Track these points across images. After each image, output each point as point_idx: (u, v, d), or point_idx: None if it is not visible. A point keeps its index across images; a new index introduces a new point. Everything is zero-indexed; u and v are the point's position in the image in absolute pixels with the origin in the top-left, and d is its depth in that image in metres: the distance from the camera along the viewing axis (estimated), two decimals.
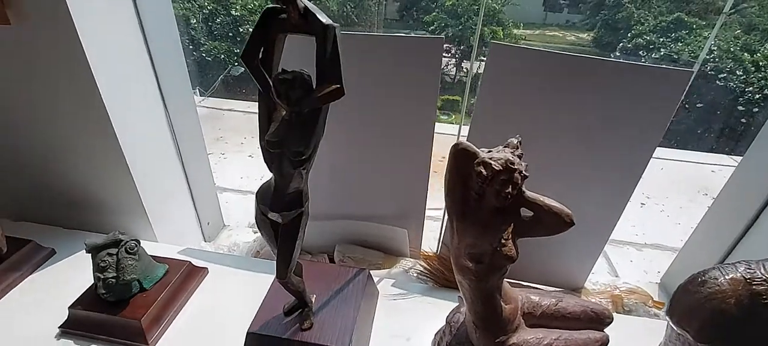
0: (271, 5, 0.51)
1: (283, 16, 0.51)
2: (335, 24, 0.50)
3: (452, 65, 9.76)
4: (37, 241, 1.11)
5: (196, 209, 1.48)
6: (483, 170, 0.59)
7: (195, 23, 6.80)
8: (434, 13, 9.49)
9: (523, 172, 0.61)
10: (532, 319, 0.75)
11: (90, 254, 0.90)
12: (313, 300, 0.89)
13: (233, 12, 6.94)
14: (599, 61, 0.87)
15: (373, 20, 8.81)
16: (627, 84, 0.89)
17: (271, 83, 0.54)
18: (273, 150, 0.57)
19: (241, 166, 2.61)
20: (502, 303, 0.70)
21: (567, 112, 0.95)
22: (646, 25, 8.63)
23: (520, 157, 0.63)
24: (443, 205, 1.35)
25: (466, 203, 0.63)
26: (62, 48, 0.91)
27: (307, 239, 1.36)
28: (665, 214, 2.05)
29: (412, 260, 1.32)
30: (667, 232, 1.87)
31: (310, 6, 0.50)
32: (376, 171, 1.19)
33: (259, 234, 1.59)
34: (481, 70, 1.07)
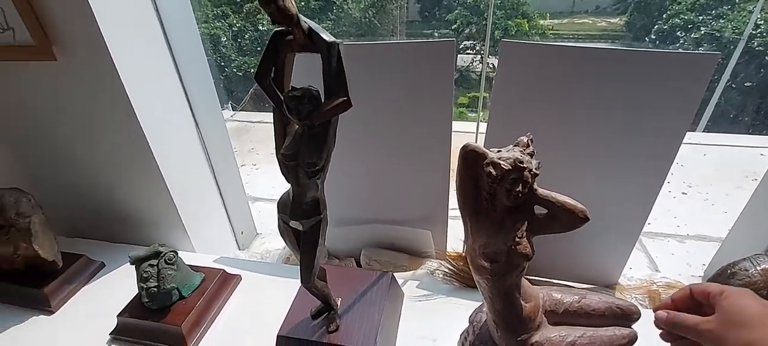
0: (278, 28, 0.54)
1: (289, 37, 0.54)
2: (338, 40, 0.53)
3: (478, 62, 9.63)
4: (89, 255, 1.20)
5: (229, 220, 1.56)
6: (492, 170, 0.60)
7: (225, 41, 7.11)
8: (456, 11, 9.41)
9: (534, 170, 0.61)
10: (554, 317, 0.75)
11: (134, 266, 0.97)
12: (339, 303, 0.92)
13: (260, 27, 7.20)
14: (616, 51, 0.85)
15: (395, 23, 8.85)
16: (648, 73, 0.86)
17: (282, 101, 0.58)
18: (288, 162, 0.61)
19: (272, 176, 2.71)
20: (522, 301, 0.70)
21: (586, 106, 0.93)
22: (683, 3, 8.15)
23: (531, 155, 0.63)
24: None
25: (477, 203, 0.64)
26: (102, 79, 0.99)
27: (334, 244, 1.41)
28: (709, 202, 1.94)
29: (437, 261, 1.33)
30: (712, 221, 1.77)
31: (314, 26, 0.53)
32: (399, 175, 1.21)
33: None
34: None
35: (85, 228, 1.37)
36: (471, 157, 0.62)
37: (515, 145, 0.64)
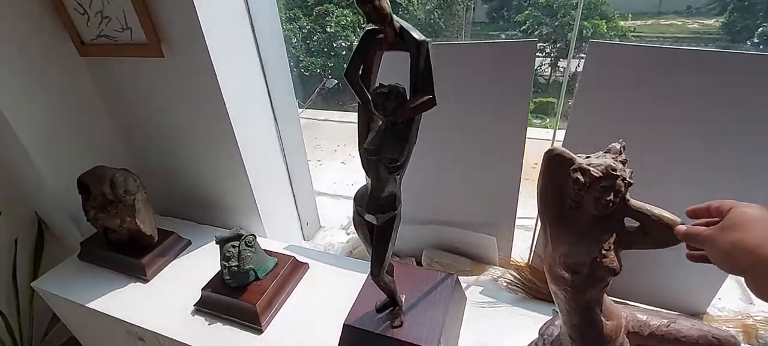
0: (370, 27, 0.57)
1: (380, 36, 0.56)
2: (428, 39, 0.54)
3: (547, 65, 9.17)
4: (178, 233, 1.33)
5: (297, 211, 1.64)
6: (580, 177, 0.57)
7: (295, 42, 7.49)
8: (527, 12, 9.04)
9: (627, 179, 0.57)
10: (638, 339, 0.69)
11: (218, 245, 1.06)
12: (403, 300, 0.93)
13: (328, 29, 7.49)
14: (723, 54, 0.77)
15: (461, 25, 8.71)
16: (759, 78, 0.77)
17: (369, 97, 0.60)
18: (370, 157, 0.63)
19: (334, 172, 2.81)
20: (603, 318, 0.66)
21: (684, 113, 0.85)
22: None
23: (624, 163, 0.59)
24: (536, 212, 1.30)
25: (560, 210, 0.62)
26: (200, 76, 1.09)
27: (396, 242, 1.43)
28: None
29: (500, 268, 1.29)
30: None
31: (405, 25, 0.54)
32: (466, 178, 1.19)
33: (352, 235, 1.70)
34: (579, 69, 1.01)
35: (175, 208, 1.52)
36: (557, 161, 0.59)
37: (606, 152, 0.61)
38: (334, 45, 7.61)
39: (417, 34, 0.54)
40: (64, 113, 1.28)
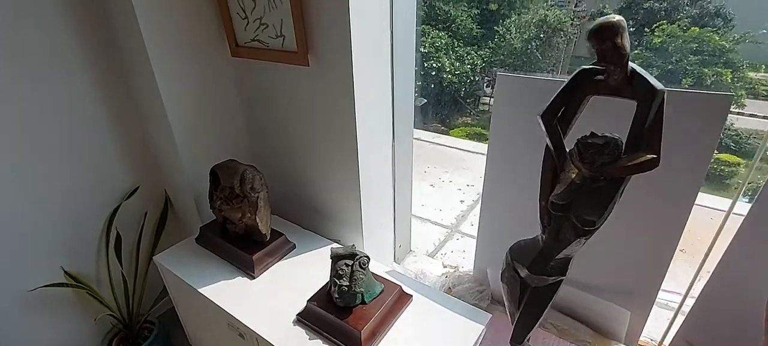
0: (587, 66, 0.49)
1: (599, 77, 0.48)
2: (665, 89, 0.45)
3: None
4: (286, 235, 1.35)
5: (394, 232, 1.60)
6: None
7: None
8: (636, 51, 8.29)
9: None
10: None
11: (331, 260, 1.04)
12: None
13: (422, 49, 7.56)
14: None
15: (559, 57, 8.28)
16: None
17: (564, 144, 0.52)
18: (556, 212, 0.54)
19: (421, 194, 2.74)
20: None
21: None
22: None
23: None
24: (683, 290, 1.10)
25: None
26: (338, 89, 1.10)
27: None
28: None
29: None
30: None
31: (639, 69, 0.46)
32: (612, 237, 1.04)
33: (448, 269, 1.61)
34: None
35: (282, 208, 1.56)
36: None
37: None
38: (425, 65, 7.65)
39: (655, 82, 0.45)
40: (207, 105, 1.38)
